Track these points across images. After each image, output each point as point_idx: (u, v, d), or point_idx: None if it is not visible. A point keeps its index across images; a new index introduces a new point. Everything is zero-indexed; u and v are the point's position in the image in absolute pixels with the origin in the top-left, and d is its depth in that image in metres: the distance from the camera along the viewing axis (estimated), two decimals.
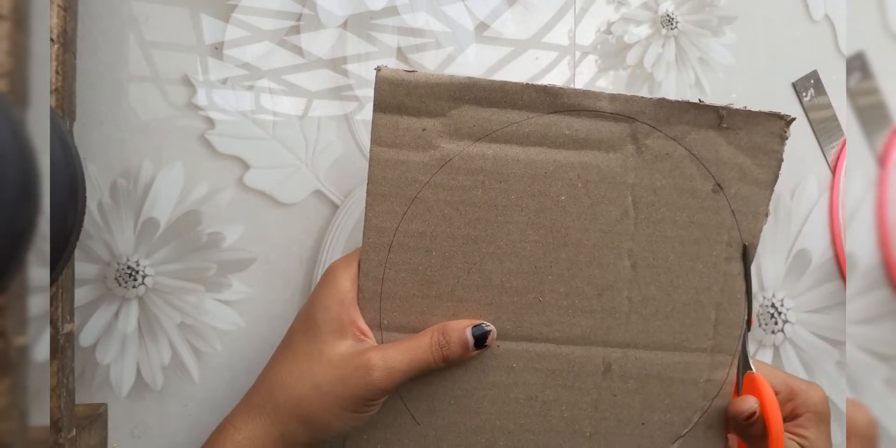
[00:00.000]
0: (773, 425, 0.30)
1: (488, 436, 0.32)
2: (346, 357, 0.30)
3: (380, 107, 0.30)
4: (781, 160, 0.32)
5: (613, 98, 0.31)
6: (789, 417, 0.33)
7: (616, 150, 0.31)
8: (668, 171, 0.32)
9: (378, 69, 0.29)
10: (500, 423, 0.32)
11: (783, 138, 0.32)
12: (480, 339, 0.31)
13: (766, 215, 0.32)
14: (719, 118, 0.31)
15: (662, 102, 0.31)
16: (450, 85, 0.30)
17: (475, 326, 0.31)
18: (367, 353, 0.29)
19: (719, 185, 0.32)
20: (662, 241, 0.32)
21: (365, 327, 0.31)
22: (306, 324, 0.31)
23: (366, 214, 0.31)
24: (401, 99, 0.30)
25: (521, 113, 0.30)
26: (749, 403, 0.31)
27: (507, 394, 0.32)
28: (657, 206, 0.32)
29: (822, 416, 0.33)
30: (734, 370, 0.33)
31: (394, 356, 0.29)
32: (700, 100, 0.31)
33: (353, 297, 0.31)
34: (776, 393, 0.33)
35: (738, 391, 0.34)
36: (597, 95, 0.31)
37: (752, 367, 0.33)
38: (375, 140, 0.30)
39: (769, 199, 0.32)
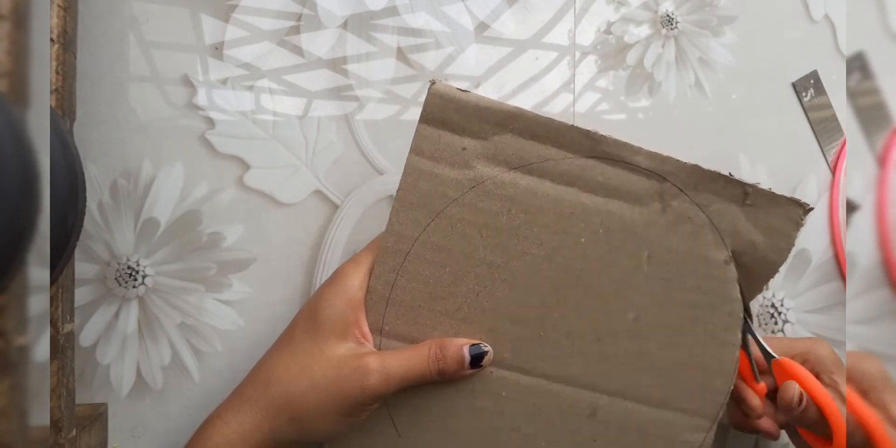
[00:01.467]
0: (825, 402, 0.30)
1: None
2: (345, 358, 0.30)
3: (426, 119, 0.30)
4: (793, 245, 0.33)
5: (650, 155, 0.31)
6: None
7: (642, 205, 0.32)
8: (686, 235, 0.32)
9: (433, 82, 0.30)
10: None
11: (799, 225, 0.33)
12: (476, 359, 0.31)
13: (764, 290, 0.34)
14: (745, 195, 0.32)
15: (696, 169, 0.32)
16: (498, 111, 0.30)
17: (473, 345, 0.31)
18: (366, 356, 0.30)
19: (732, 257, 0.33)
20: (668, 300, 0.32)
21: (366, 330, 0.31)
22: (310, 320, 0.31)
23: (390, 219, 0.31)
24: (448, 115, 0.30)
25: (560, 151, 0.31)
26: (793, 388, 0.31)
27: (492, 421, 0.32)
28: (670, 266, 0.32)
29: (840, 368, 0.33)
30: (711, 436, 0.34)
31: (392, 363, 0.29)
32: (730, 174, 0.32)
33: (360, 297, 0.31)
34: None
35: (755, 380, 0.34)
36: (635, 150, 0.31)
37: (774, 353, 0.33)
38: (415, 149, 0.31)
39: (771, 278, 0.33)
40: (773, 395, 0.35)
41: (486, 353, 0.31)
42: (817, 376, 0.33)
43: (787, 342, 0.35)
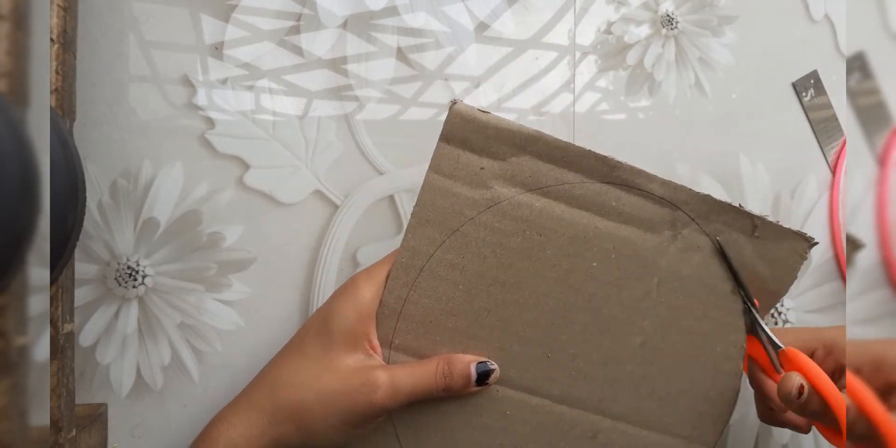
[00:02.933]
0: (830, 393, 0.29)
1: None
2: (354, 370, 0.30)
3: (446, 137, 0.31)
4: (796, 278, 0.34)
5: (664, 183, 0.32)
6: (838, 370, 0.33)
7: (654, 233, 0.32)
8: (695, 264, 0.33)
9: (454, 102, 0.30)
10: None
11: (803, 258, 0.33)
12: (483, 376, 0.31)
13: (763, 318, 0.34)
14: (753, 227, 0.33)
15: (707, 199, 0.32)
16: (517, 133, 0.31)
17: (480, 363, 0.31)
18: (375, 370, 0.30)
19: (738, 289, 0.33)
20: (675, 327, 0.33)
21: (376, 343, 0.31)
22: (321, 329, 0.31)
23: (405, 235, 0.31)
24: (467, 135, 0.31)
25: (577, 175, 0.32)
26: (792, 380, 0.30)
27: (494, 439, 0.32)
28: (678, 293, 0.33)
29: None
30: None
31: (400, 377, 0.30)
32: (740, 205, 0.32)
33: (372, 309, 0.31)
34: (813, 352, 0.32)
35: (777, 371, 0.33)
36: (650, 177, 0.32)
37: (780, 343, 0.32)
38: (433, 167, 0.31)
39: (773, 307, 0.34)
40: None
41: (492, 370, 0.31)
42: (843, 365, 0.32)
43: (813, 332, 0.34)
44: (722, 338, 0.33)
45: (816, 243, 0.33)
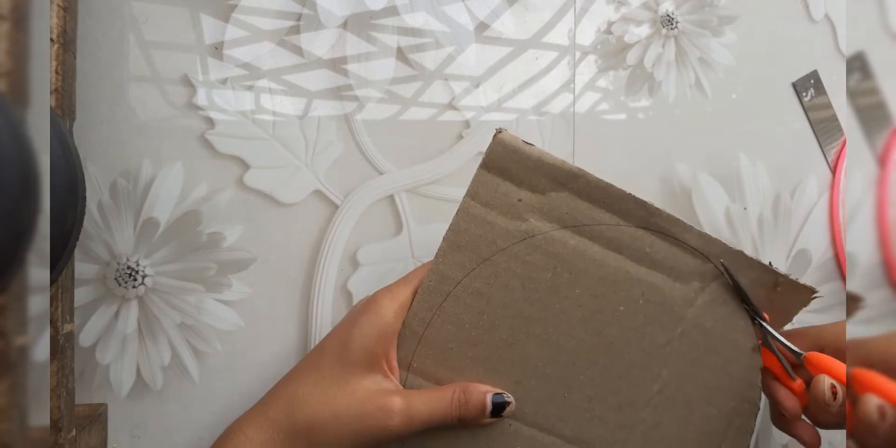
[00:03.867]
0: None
1: None
2: (371, 394, 0.30)
3: (486, 165, 0.31)
4: (791, 320, 0.34)
5: (700, 235, 0.32)
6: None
7: (683, 283, 0.32)
8: (720, 318, 0.33)
9: (498, 131, 0.30)
10: None
11: (803, 305, 0.34)
12: (498, 408, 0.31)
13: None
14: (776, 284, 0.33)
15: (739, 255, 0.32)
16: (559, 169, 0.31)
17: (496, 394, 0.31)
18: (392, 395, 0.29)
19: (760, 346, 0.33)
20: (692, 378, 0.33)
21: (395, 364, 0.31)
22: (340, 346, 0.31)
23: (435, 259, 0.31)
24: (509, 165, 0.31)
25: (614, 217, 0.32)
26: (822, 382, 0.29)
27: None
28: (699, 346, 0.33)
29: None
30: None
31: (416, 405, 0.29)
32: (770, 263, 0.32)
33: (394, 330, 0.31)
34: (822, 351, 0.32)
35: (791, 378, 0.33)
36: (686, 227, 0.32)
37: (799, 350, 0.32)
38: (471, 194, 0.31)
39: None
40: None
41: (508, 403, 0.31)
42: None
43: (815, 332, 0.33)
44: (737, 394, 0.33)
45: (820, 296, 0.33)
